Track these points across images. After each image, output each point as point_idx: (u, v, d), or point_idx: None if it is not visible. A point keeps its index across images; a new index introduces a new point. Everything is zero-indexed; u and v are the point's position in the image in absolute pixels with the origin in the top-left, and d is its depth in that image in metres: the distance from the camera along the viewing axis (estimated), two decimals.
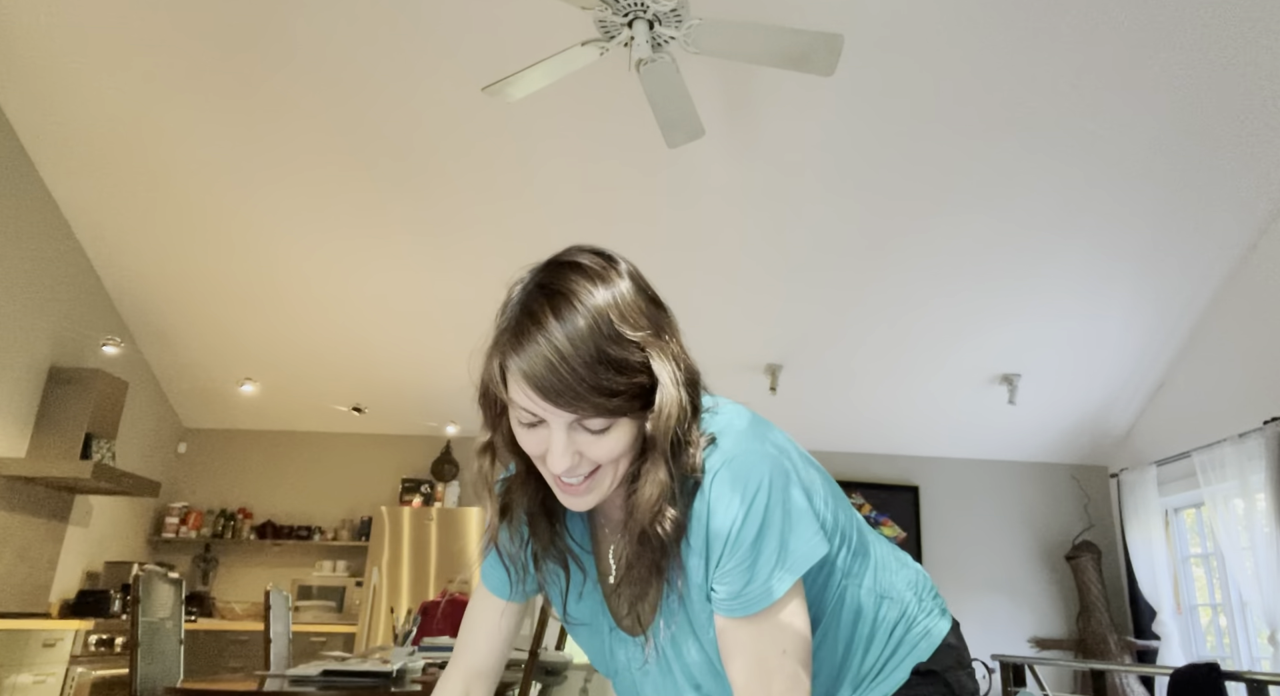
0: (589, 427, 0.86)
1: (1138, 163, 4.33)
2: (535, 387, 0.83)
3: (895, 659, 1.03)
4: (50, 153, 4.77)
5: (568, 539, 1.01)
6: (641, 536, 0.89)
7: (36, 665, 4.30)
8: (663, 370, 0.87)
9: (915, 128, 4.19)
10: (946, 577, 6.42)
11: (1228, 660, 5.25)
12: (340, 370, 6.18)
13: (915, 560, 5.15)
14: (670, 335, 0.91)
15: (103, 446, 5.17)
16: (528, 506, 0.98)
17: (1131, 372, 5.79)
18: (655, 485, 0.87)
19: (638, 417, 0.87)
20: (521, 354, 0.83)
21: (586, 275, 0.87)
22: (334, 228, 5.04)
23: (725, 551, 0.89)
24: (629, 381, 0.85)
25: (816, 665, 1.01)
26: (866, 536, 1.06)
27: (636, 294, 0.89)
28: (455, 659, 1.10)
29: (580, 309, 0.83)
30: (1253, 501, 4.80)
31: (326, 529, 6.55)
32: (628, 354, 0.85)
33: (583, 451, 0.87)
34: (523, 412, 0.86)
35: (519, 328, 0.84)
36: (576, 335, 0.82)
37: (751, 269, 5.17)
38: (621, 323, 0.85)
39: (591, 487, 0.90)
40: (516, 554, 1.00)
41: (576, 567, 1.01)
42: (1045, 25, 3.67)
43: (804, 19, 3.51)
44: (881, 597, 1.03)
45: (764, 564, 0.87)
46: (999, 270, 5.02)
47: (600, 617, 1.04)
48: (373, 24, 3.84)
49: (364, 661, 2.59)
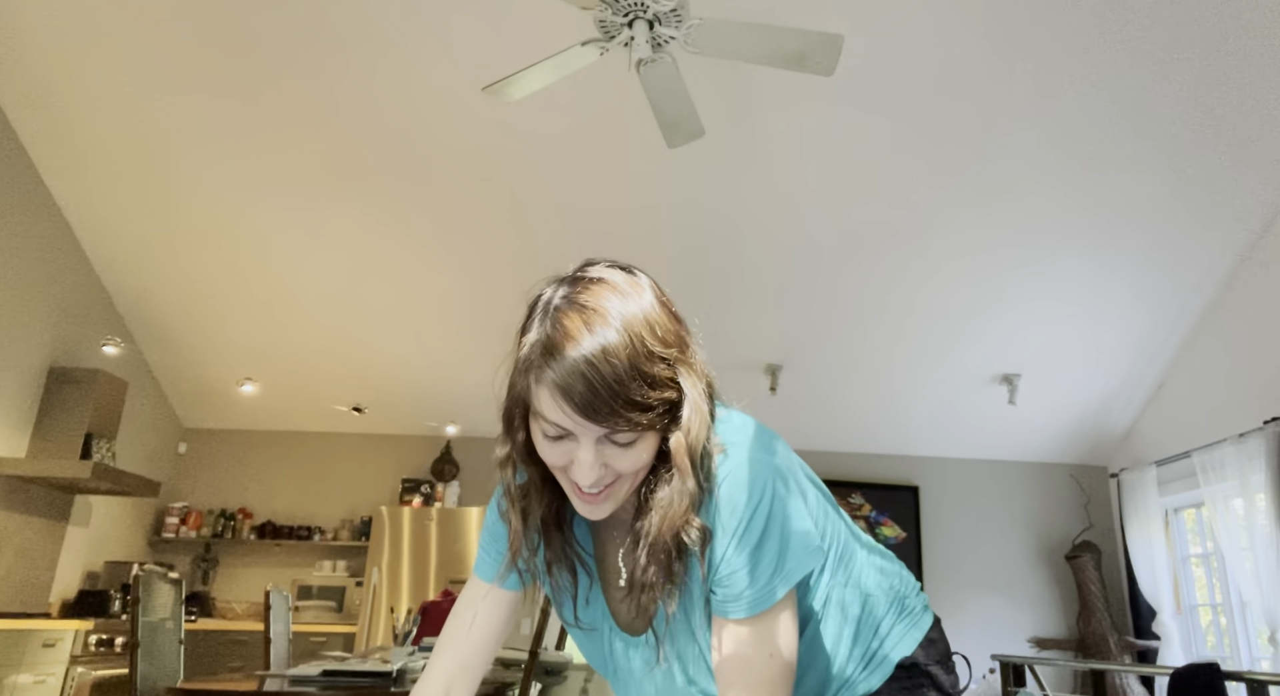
0: (617, 441, 0.86)
1: (1138, 163, 4.33)
2: (570, 403, 0.83)
3: (880, 654, 1.06)
4: (50, 153, 4.77)
5: (577, 546, 1.02)
6: (663, 544, 0.90)
7: (36, 665, 4.30)
8: (691, 387, 0.89)
9: (914, 128, 4.20)
10: (946, 577, 6.42)
11: (1228, 660, 5.25)
12: (340, 370, 6.19)
13: (915, 560, 5.14)
14: (693, 349, 0.92)
15: (103, 446, 5.17)
16: (543, 515, 0.99)
17: (1131, 372, 5.79)
18: (684, 496, 0.88)
19: (661, 430, 0.89)
20: (556, 368, 0.83)
21: (617, 291, 0.87)
22: (334, 228, 5.04)
23: (728, 555, 0.90)
24: (660, 396, 0.86)
25: (806, 664, 1.03)
26: (853, 538, 1.09)
27: (661, 309, 0.90)
28: (439, 652, 1.09)
29: (614, 325, 0.84)
30: (1253, 501, 4.80)
31: (326, 529, 6.55)
32: (658, 370, 0.86)
33: (609, 463, 0.88)
34: (550, 426, 0.86)
35: (552, 343, 0.84)
36: (612, 351, 0.83)
37: (751, 269, 5.17)
38: (653, 339, 0.86)
39: (610, 496, 0.91)
40: (530, 561, 1.01)
41: (584, 572, 1.03)
42: (1044, 25, 3.67)
43: (804, 19, 3.51)
44: (866, 597, 1.06)
45: (764, 569, 0.90)
46: (999, 270, 5.03)
47: (603, 620, 1.06)
48: (373, 25, 3.85)
49: (364, 661, 2.59)
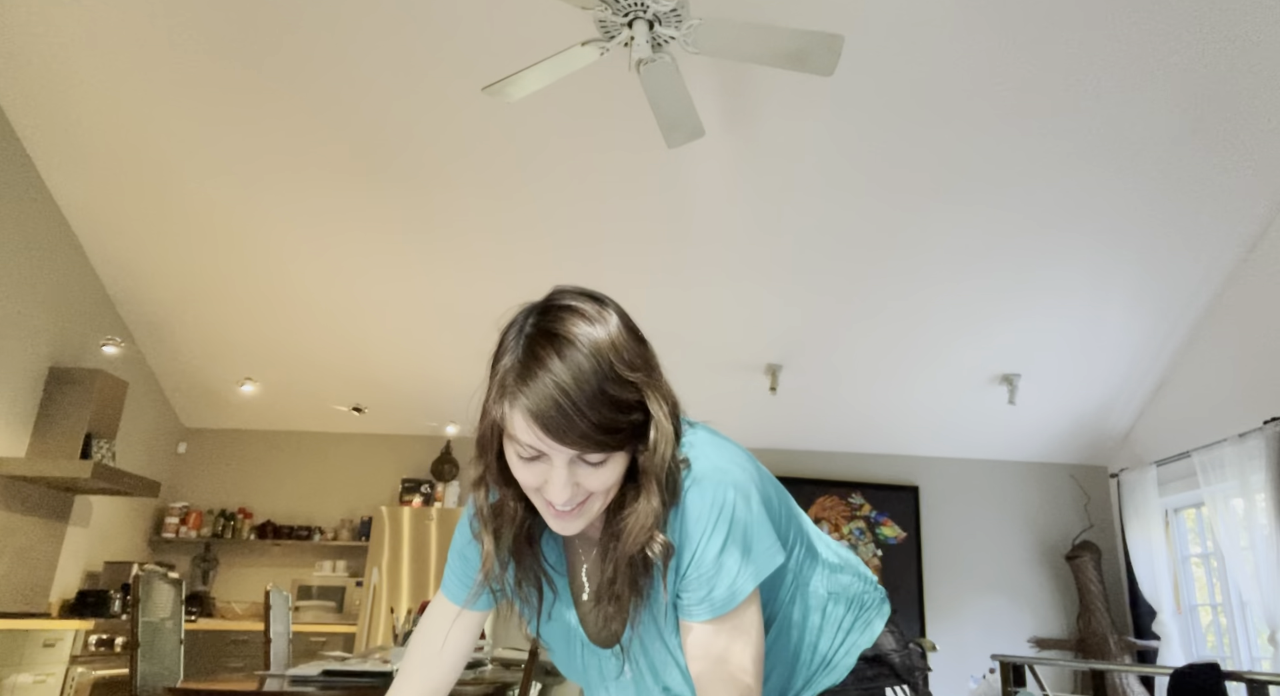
0: (588, 461, 0.91)
1: (1138, 163, 4.33)
2: (542, 427, 0.87)
3: (844, 648, 1.12)
4: (50, 153, 4.77)
5: (544, 562, 1.06)
6: (629, 559, 0.95)
7: (36, 665, 4.30)
8: (657, 408, 0.93)
9: (914, 128, 4.19)
10: (946, 577, 6.43)
11: (1228, 660, 5.25)
12: (340, 370, 6.19)
13: (915, 560, 5.15)
14: (658, 371, 0.96)
15: (103, 446, 5.17)
16: (514, 532, 1.03)
17: (1131, 372, 5.79)
18: (649, 514, 0.93)
19: (630, 449, 0.93)
20: (528, 394, 0.87)
21: (584, 318, 0.91)
22: (334, 228, 5.04)
23: (694, 561, 0.95)
24: (627, 419, 0.90)
25: (772, 660, 1.09)
26: (813, 540, 1.15)
27: (627, 334, 0.94)
28: (408, 673, 1.13)
29: (582, 351, 0.88)
30: (1253, 501, 4.80)
31: (326, 529, 6.55)
32: (626, 393, 0.90)
33: (581, 482, 0.92)
34: (524, 448, 0.90)
35: (524, 370, 0.88)
36: (581, 376, 0.87)
37: (751, 269, 5.17)
38: (620, 364, 0.90)
39: (582, 513, 0.95)
40: (500, 578, 1.06)
41: (549, 589, 1.07)
42: (1044, 26, 3.67)
43: (804, 19, 3.51)
44: (829, 594, 1.12)
45: (728, 572, 0.95)
46: (999, 270, 5.03)
47: (573, 633, 1.10)
48: (373, 26, 3.84)
49: (364, 661, 2.59)
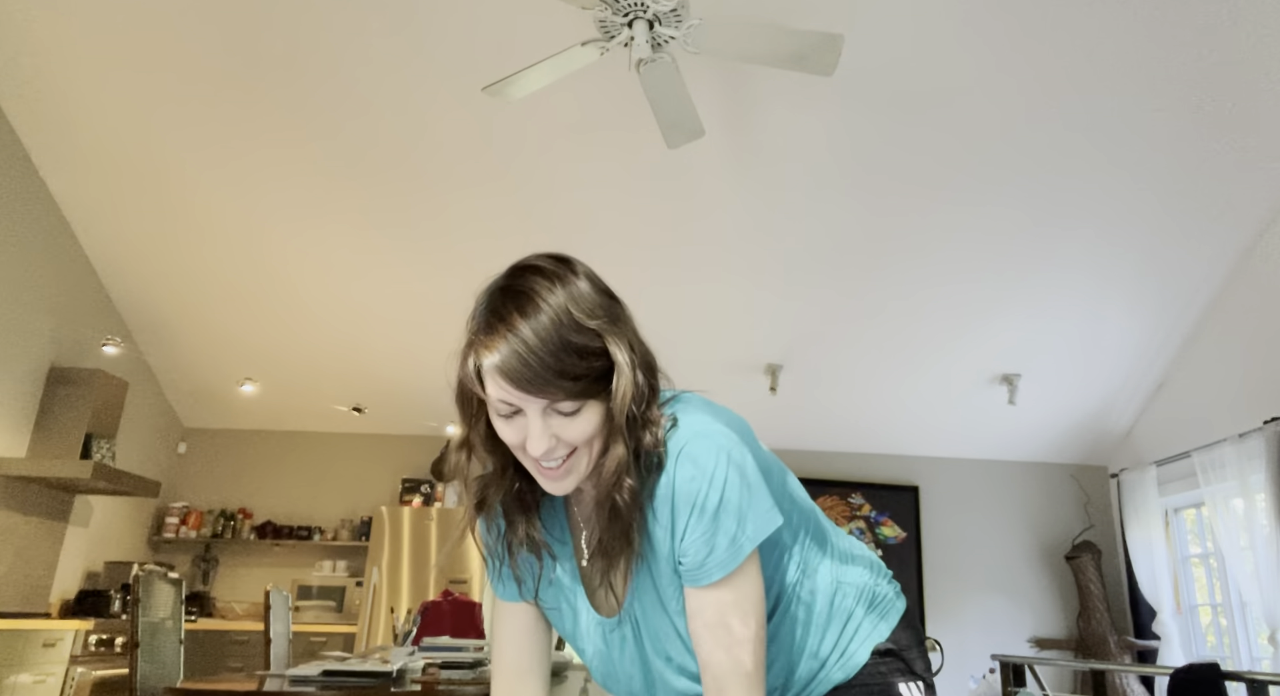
0: (561, 410, 0.93)
1: (1138, 163, 4.33)
2: (508, 379, 0.91)
3: (856, 641, 1.11)
4: (50, 153, 4.77)
5: (543, 531, 1.09)
6: (609, 509, 0.97)
7: (36, 665, 4.30)
8: (618, 353, 0.95)
9: (914, 128, 4.19)
10: (946, 577, 6.43)
11: (1228, 660, 5.25)
12: (340, 370, 6.19)
13: (915, 560, 5.15)
14: (625, 323, 0.99)
15: (103, 446, 5.17)
16: (503, 499, 1.06)
17: (1131, 372, 5.79)
18: (613, 459, 0.96)
19: (604, 400, 0.95)
20: (494, 351, 0.91)
21: (545, 275, 0.95)
22: (333, 229, 5.04)
23: (690, 523, 0.97)
24: (589, 365, 0.93)
25: (775, 646, 1.08)
26: (824, 526, 1.15)
27: (592, 289, 0.97)
28: (496, 671, 1.16)
29: (543, 305, 0.92)
30: (1253, 501, 4.80)
31: (326, 529, 6.55)
32: (587, 341, 0.93)
33: (558, 434, 0.94)
34: (500, 405, 0.94)
35: (489, 328, 0.93)
36: (541, 328, 0.91)
37: (751, 269, 5.17)
38: (578, 311, 0.93)
39: (570, 470, 0.98)
40: (494, 545, 1.10)
41: (549, 555, 1.09)
42: (1044, 26, 3.67)
43: (804, 19, 3.51)
44: (839, 583, 1.12)
45: (724, 533, 0.96)
46: (999, 270, 5.03)
47: (577, 601, 1.11)
48: (372, 26, 3.84)
49: (364, 661, 2.59)
